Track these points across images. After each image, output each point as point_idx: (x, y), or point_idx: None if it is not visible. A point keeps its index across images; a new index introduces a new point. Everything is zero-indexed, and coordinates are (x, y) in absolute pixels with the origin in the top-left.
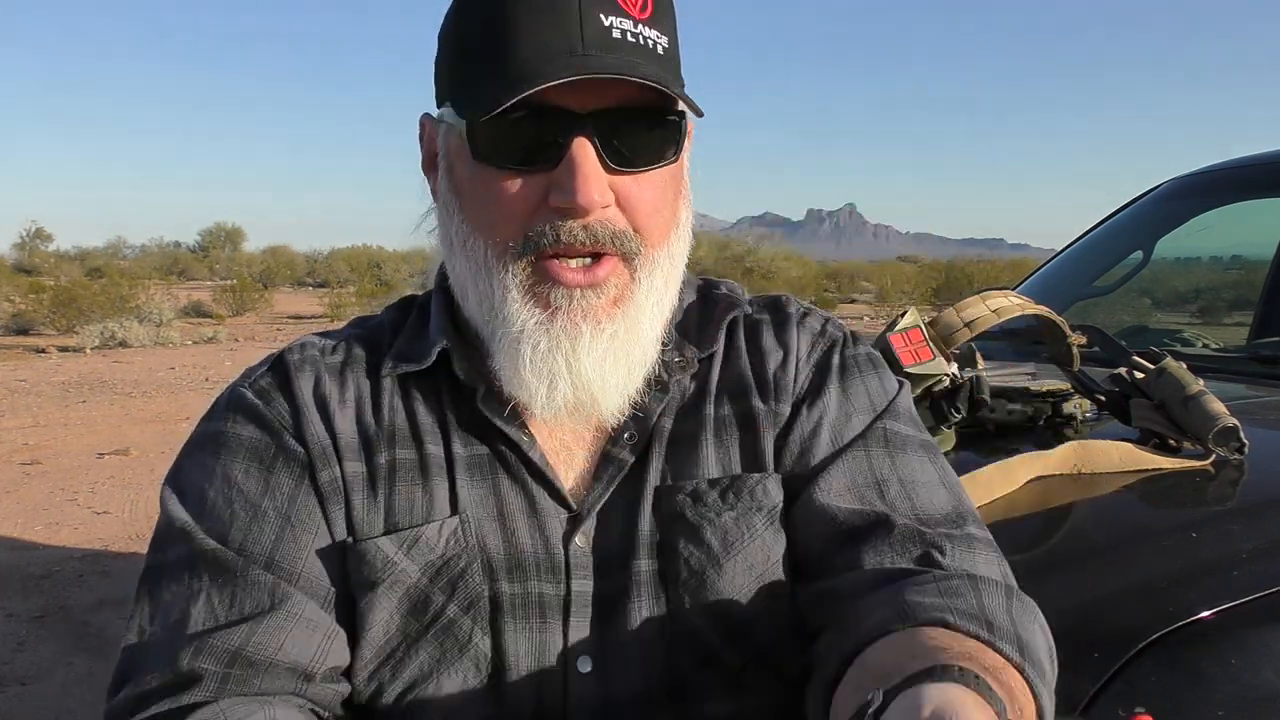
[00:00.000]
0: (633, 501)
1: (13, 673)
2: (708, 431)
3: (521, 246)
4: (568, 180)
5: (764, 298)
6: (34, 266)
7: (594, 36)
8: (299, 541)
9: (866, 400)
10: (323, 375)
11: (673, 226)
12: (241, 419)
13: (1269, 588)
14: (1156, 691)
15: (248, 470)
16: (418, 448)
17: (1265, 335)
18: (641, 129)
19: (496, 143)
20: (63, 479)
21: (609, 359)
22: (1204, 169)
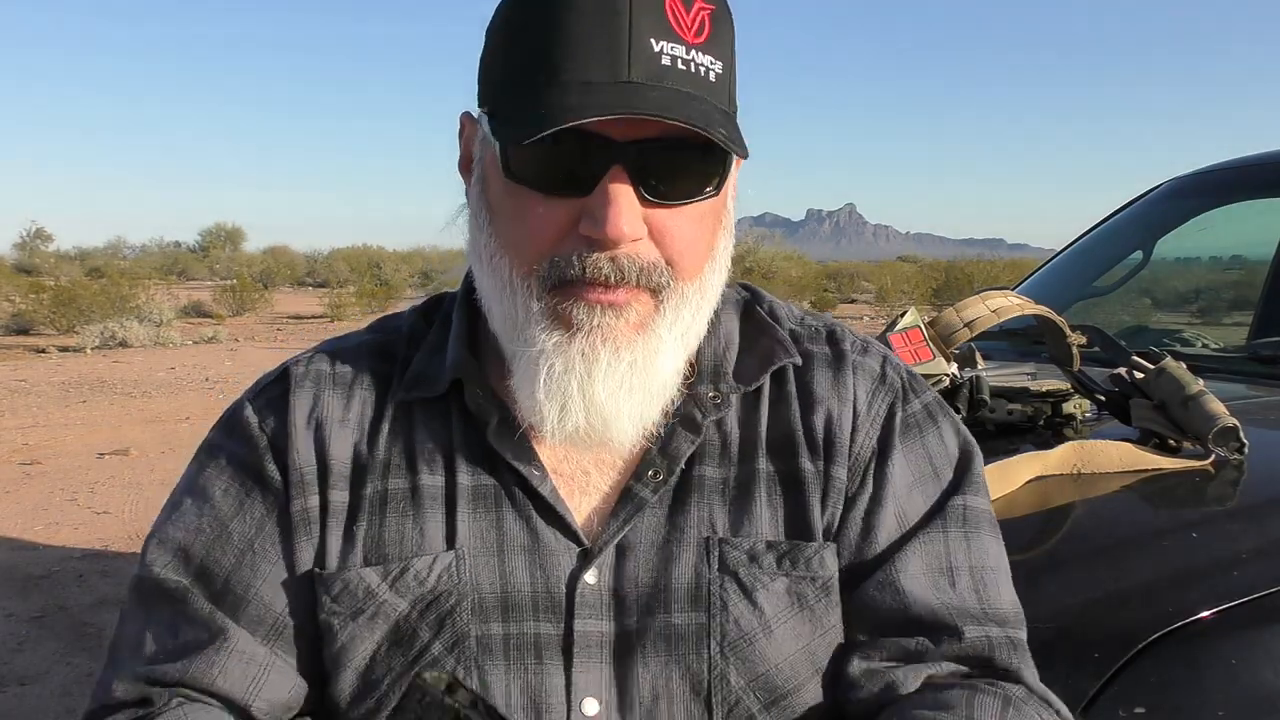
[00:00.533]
0: (666, 544)
1: (12, 673)
2: (761, 488)
3: (546, 272)
4: (599, 210)
5: (816, 324)
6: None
7: (641, 64)
8: (257, 570)
9: (929, 466)
10: (323, 393)
11: (708, 260)
12: (236, 437)
13: (1269, 588)
14: (1156, 691)
15: (226, 490)
16: (412, 477)
17: (1265, 335)
18: (682, 162)
19: (530, 165)
20: (63, 479)
21: (624, 387)
22: (1204, 169)
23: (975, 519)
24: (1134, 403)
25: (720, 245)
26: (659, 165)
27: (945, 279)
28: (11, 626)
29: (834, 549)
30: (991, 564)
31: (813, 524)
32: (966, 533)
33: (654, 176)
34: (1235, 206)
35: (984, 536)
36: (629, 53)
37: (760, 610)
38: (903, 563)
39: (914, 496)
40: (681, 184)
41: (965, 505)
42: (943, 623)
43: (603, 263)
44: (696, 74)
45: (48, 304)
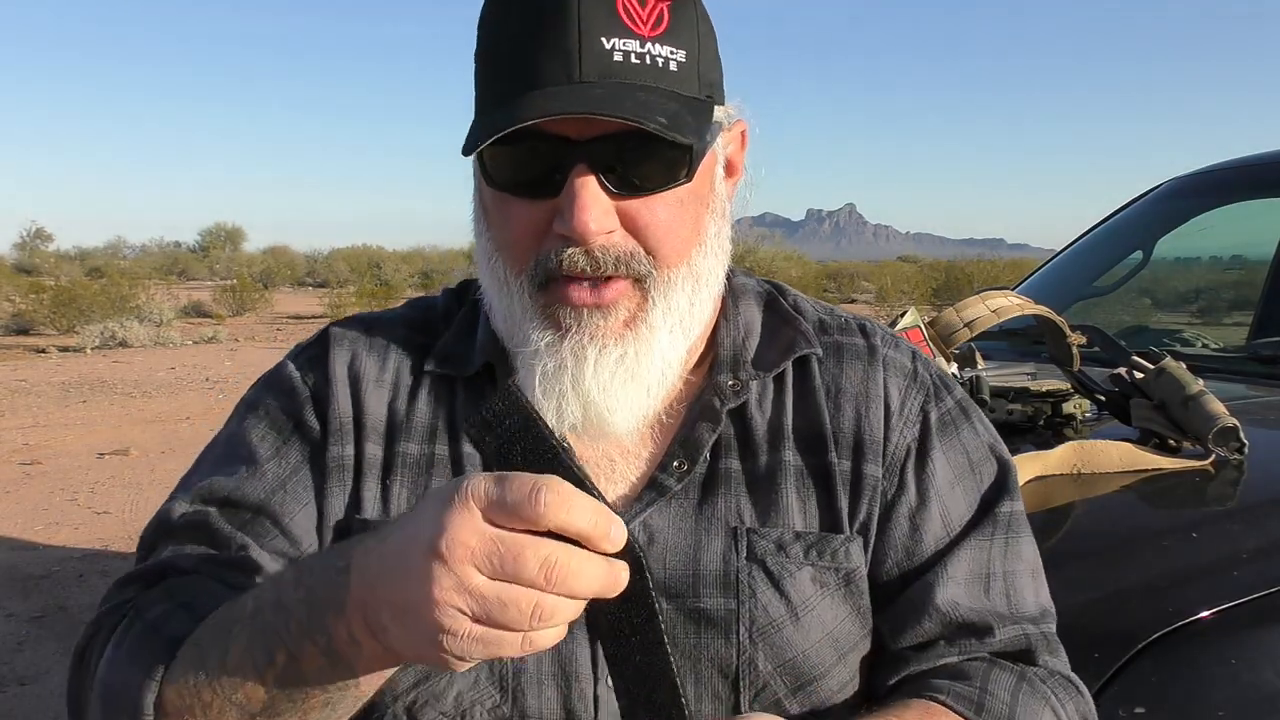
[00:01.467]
0: (695, 532)
1: (12, 673)
2: (788, 480)
3: (533, 270)
4: (567, 209)
5: (843, 316)
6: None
7: (593, 62)
8: (285, 508)
9: (966, 462)
10: (361, 352)
11: (694, 244)
12: (275, 391)
13: (1269, 588)
14: (1156, 691)
15: (264, 437)
16: (455, 446)
17: (1265, 335)
18: (644, 154)
19: (504, 170)
20: (63, 479)
21: (618, 380)
22: (1204, 169)
23: (1017, 525)
24: (1134, 403)
25: (709, 229)
26: (621, 159)
27: (945, 279)
28: (11, 626)
29: (861, 542)
30: (1023, 567)
31: (840, 518)
32: (1008, 539)
33: (618, 170)
34: (1235, 206)
35: (1022, 541)
36: (579, 53)
37: (787, 598)
38: (952, 568)
39: (955, 494)
40: (648, 175)
41: (1011, 512)
42: (977, 624)
43: (578, 257)
44: (654, 65)
45: (48, 304)
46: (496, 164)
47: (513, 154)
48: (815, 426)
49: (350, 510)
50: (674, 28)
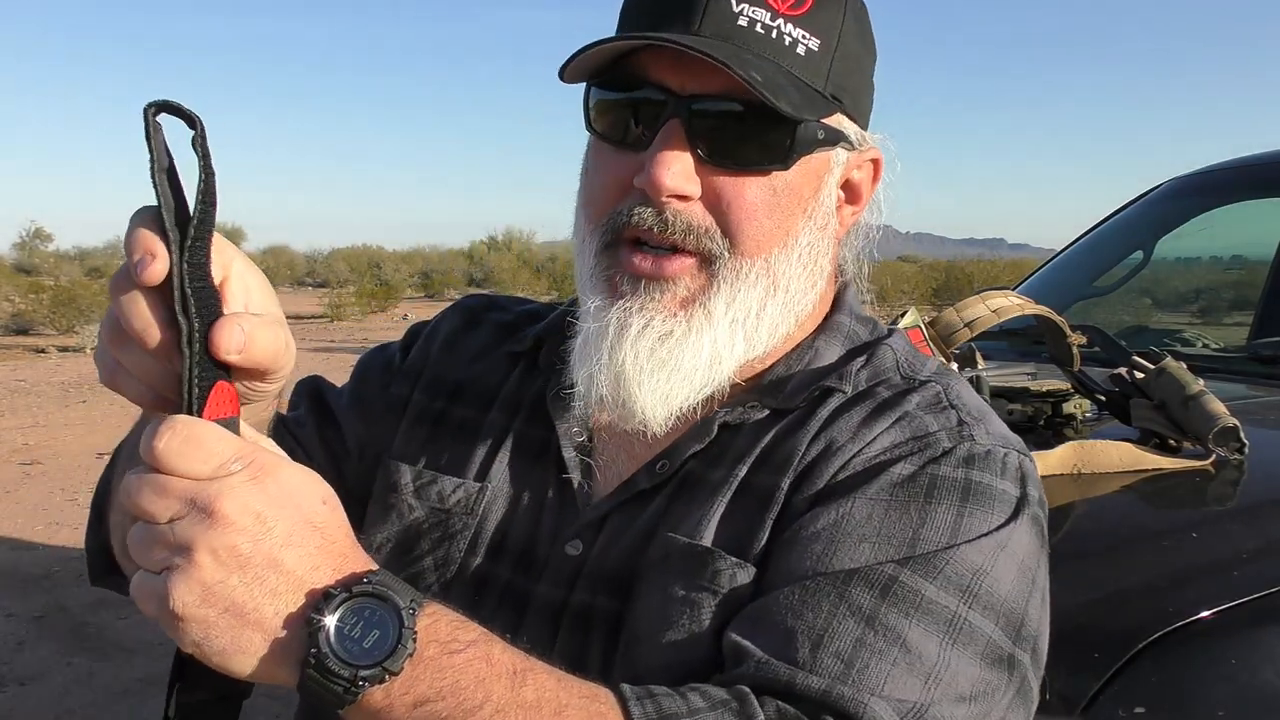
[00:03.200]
0: (634, 532)
1: (12, 673)
2: (727, 493)
3: (605, 226)
4: (648, 161)
5: (917, 378)
6: (34, 266)
7: (715, 20)
8: (346, 417)
9: (908, 534)
10: (461, 321)
11: (778, 242)
12: (412, 333)
13: (1269, 588)
14: (1156, 691)
15: (371, 360)
16: (483, 414)
17: (1265, 335)
18: (745, 126)
19: (605, 116)
20: (63, 479)
21: (652, 359)
22: (1204, 169)
23: (906, 599)
24: (1134, 403)
25: (802, 235)
26: (717, 125)
27: (945, 279)
28: (11, 626)
29: (751, 571)
30: (902, 656)
31: (753, 542)
32: (882, 605)
33: (711, 135)
34: (1235, 206)
35: (912, 623)
36: (704, 9)
37: (651, 612)
38: (769, 601)
39: (859, 550)
40: (742, 150)
41: (897, 579)
42: (739, 651)
43: (647, 215)
44: (778, 42)
45: (47, 304)
46: (600, 109)
47: (616, 101)
48: (787, 451)
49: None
50: (815, 13)
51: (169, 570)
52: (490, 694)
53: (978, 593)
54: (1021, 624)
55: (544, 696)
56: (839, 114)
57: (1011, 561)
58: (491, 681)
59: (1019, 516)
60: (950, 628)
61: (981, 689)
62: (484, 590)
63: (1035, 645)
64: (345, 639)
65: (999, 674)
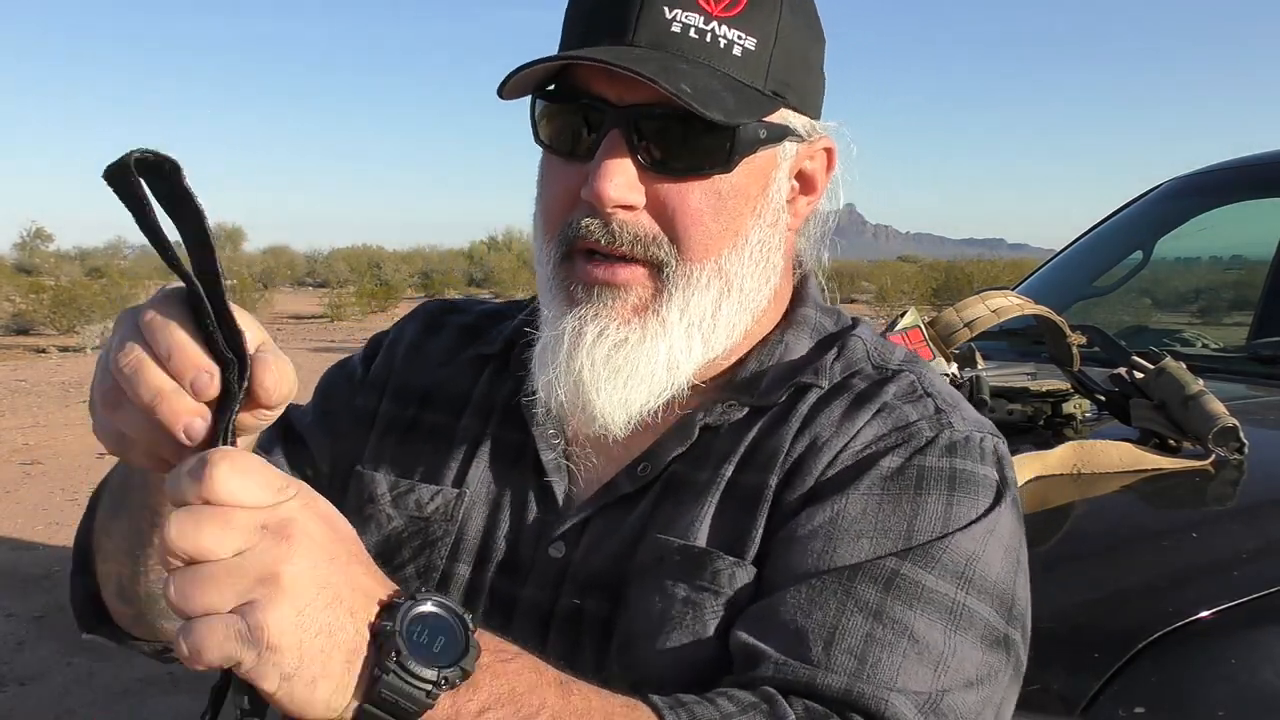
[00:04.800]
0: (617, 535)
1: (12, 673)
2: (715, 494)
3: (559, 237)
4: (591, 172)
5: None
6: (34, 266)
7: (648, 28)
8: (312, 435)
9: (903, 526)
10: (423, 326)
11: (727, 243)
12: (374, 342)
13: (1269, 588)
14: (1156, 691)
15: (336, 374)
16: (456, 419)
17: (1265, 335)
18: (682, 133)
19: (549, 129)
20: (63, 479)
21: (608, 366)
22: (1204, 169)
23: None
24: (1134, 403)
25: (752, 234)
26: (657, 133)
27: (945, 279)
28: (11, 626)
29: (749, 570)
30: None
31: (747, 541)
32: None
33: (652, 144)
34: (1235, 206)
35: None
36: (636, 18)
37: (647, 614)
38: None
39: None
40: (683, 155)
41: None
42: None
43: (595, 227)
44: (713, 45)
45: (48, 304)
46: (545, 122)
47: (557, 113)
48: (771, 449)
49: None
50: (749, 13)
51: (250, 605)
52: (545, 701)
53: (972, 578)
54: (1013, 604)
55: (591, 705)
56: (783, 109)
57: (999, 544)
58: (544, 689)
59: (1002, 500)
60: (952, 615)
61: (985, 672)
62: (471, 595)
63: (1024, 624)
64: (417, 646)
65: (999, 655)
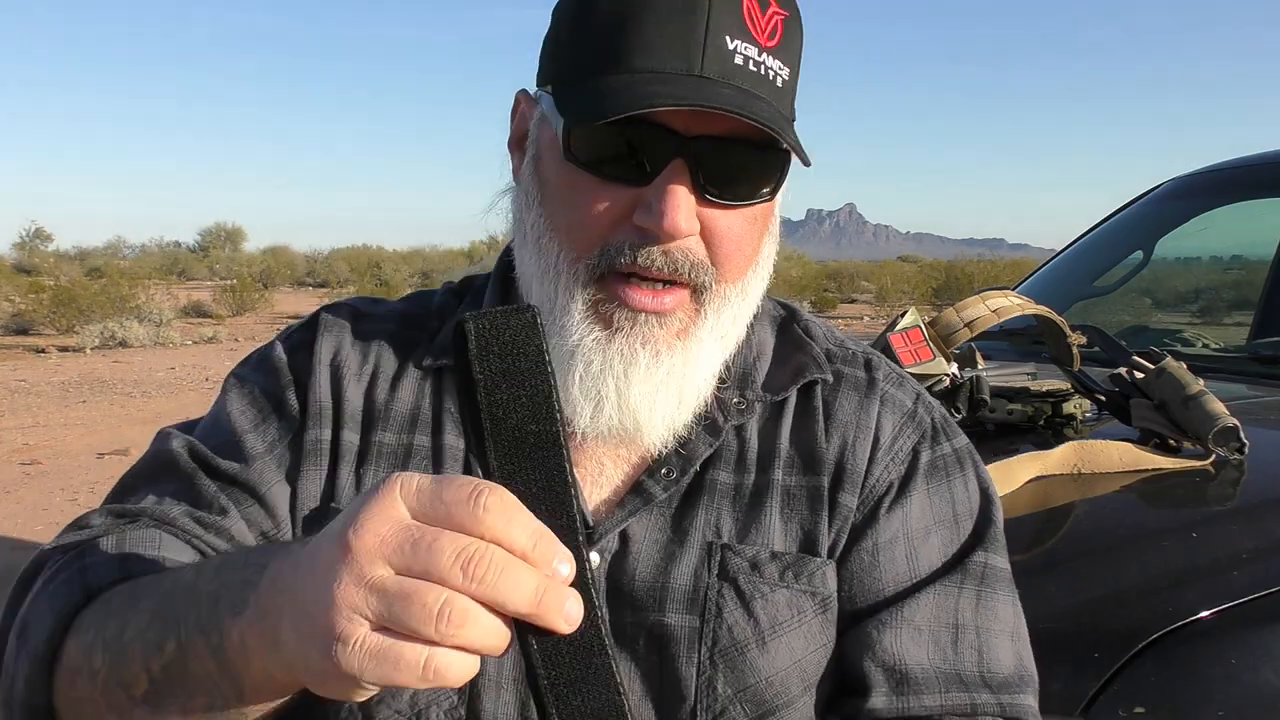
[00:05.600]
0: (671, 544)
1: None
2: (774, 498)
3: (596, 259)
4: (658, 203)
5: (854, 348)
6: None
7: (715, 60)
8: (262, 478)
9: (950, 512)
10: (346, 342)
11: (752, 265)
12: (259, 371)
13: (1269, 588)
14: (1156, 691)
15: (244, 412)
16: (437, 437)
17: (1265, 335)
18: (742, 163)
19: (592, 148)
20: (63, 479)
21: (661, 391)
22: (1204, 169)
23: (993, 578)
24: (1134, 403)
25: (765, 251)
26: (719, 163)
27: (945, 279)
28: None
29: (834, 568)
30: (1001, 626)
31: (820, 541)
32: (980, 591)
33: (713, 174)
34: (1235, 206)
35: (999, 597)
36: (704, 47)
37: (756, 620)
38: (910, 611)
39: (930, 541)
40: (739, 185)
41: (986, 563)
42: (933, 680)
43: (656, 255)
44: (765, 76)
45: (47, 304)
46: (585, 140)
47: (608, 134)
48: (809, 449)
49: (325, 498)
50: (786, 43)
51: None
52: None
53: (1000, 538)
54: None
55: None
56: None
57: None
58: None
59: (975, 455)
60: (1010, 583)
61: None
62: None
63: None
64: None
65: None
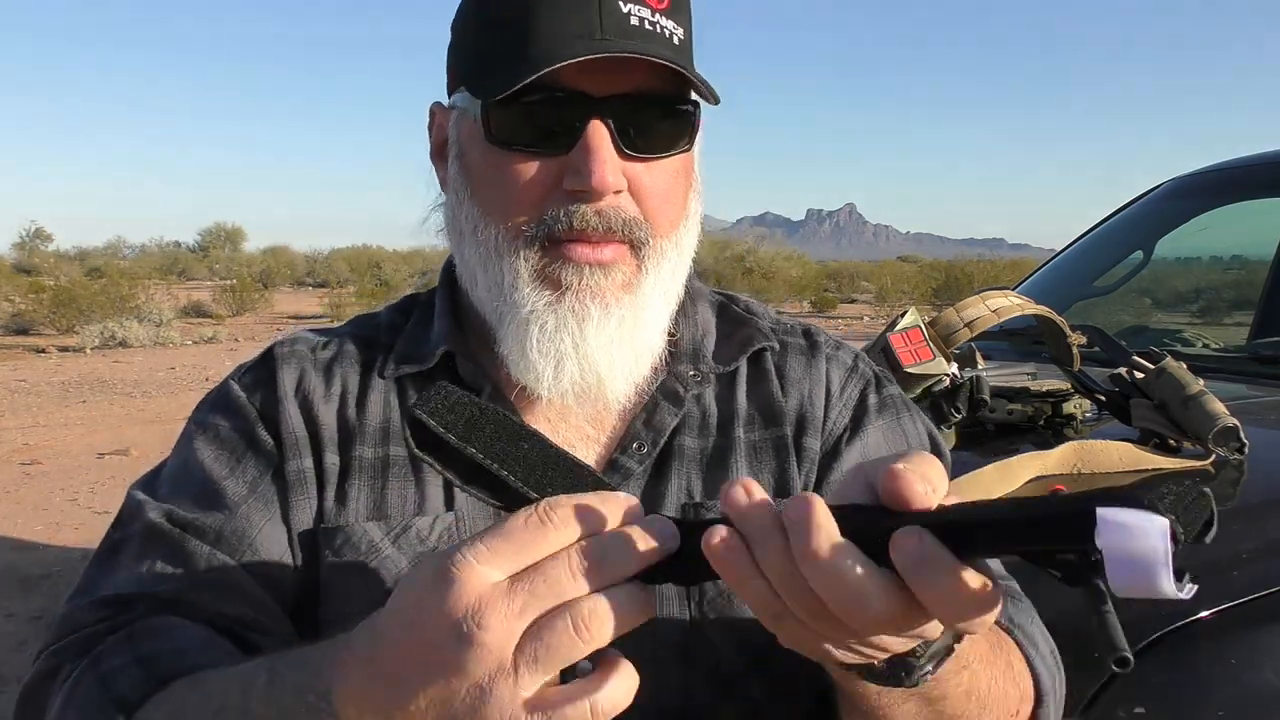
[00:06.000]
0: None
1: (12, 673)
2: (739, 455)
3: (534, 230)
4: (583, 164)
5: (791, 322)
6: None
7: (612, 22)
8: (252, 522)
9: (904, 442)
10: (308, 370)
11: (682, 218)
12: (222, 413)
13: (1269, 588)
14: (1156, 691)
15: (217, 458)
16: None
17: (1265, 335)
18: (656, 116)
19: (512, 125)
20: (63, 479)
21: (615, 342)
22: (1204, 169)
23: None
24: (1134, 403)
25: (692, 206)
26: (636, 119)
27: (945, 279)
28: (11, 626)
29: None
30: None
31: (792, 484)
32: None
33: (631, 130)
34: (1235, 206)
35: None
36: (599, 13)
37: None
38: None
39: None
40: (657, 138)
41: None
42: None
43: (590, 215)
44: (663, 35)
45: (47, 304)
46: (504, 119)
47: (525, 109)
48: (768, 406)
49: (316, 522)
50: (676, 6)
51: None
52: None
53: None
54: None
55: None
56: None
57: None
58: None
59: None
60: None
61: None
62: None
63: None
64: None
65: None
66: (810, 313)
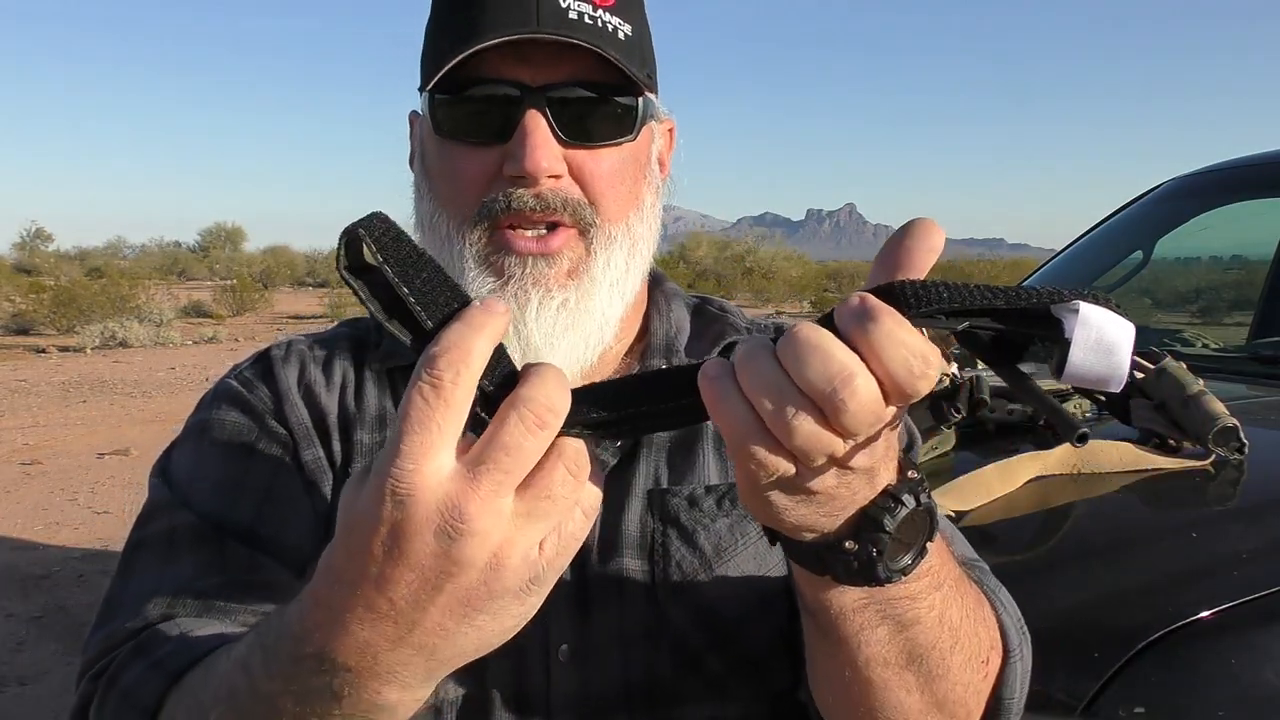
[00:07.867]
0: (618, 500)
1: (12, 673)
2: (706, 440)
3: (477, 215)
4: (519, 148)
5: (765, 322)
6: (34, 266)
7: (549, 14)
8: (280, 514)
9: None
10: (308, 364)
11: (633, 206)
12: (226, 407)
13: (1269, 588)
14: (1156, 691)
15: (229, 452)
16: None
17: (1265, 335)
18: (595, 105)
19: (455, 118)
20: (63, 479)
21: (558, 327)
22: (1204, 169)
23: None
24: (1134, 403)
25: (646, 198)
26: (574, 107)
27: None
28: (11, 626)
29: None
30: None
31: None
32: None
33: (569, 118)
34: (1235, 206)
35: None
36: (537, 9)
37: (701, 551)
38: None
39: None
40: (597, 126)
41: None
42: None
43: (527, 198)
44: (605, 30)
45: (48, 304)
46: (448, 113)
47: (466, 101)
48: None
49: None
50: (622, 3)
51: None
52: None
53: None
54: None
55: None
56: (649, 91)
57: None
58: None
59: None
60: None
61: None
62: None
63: None
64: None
65: None
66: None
